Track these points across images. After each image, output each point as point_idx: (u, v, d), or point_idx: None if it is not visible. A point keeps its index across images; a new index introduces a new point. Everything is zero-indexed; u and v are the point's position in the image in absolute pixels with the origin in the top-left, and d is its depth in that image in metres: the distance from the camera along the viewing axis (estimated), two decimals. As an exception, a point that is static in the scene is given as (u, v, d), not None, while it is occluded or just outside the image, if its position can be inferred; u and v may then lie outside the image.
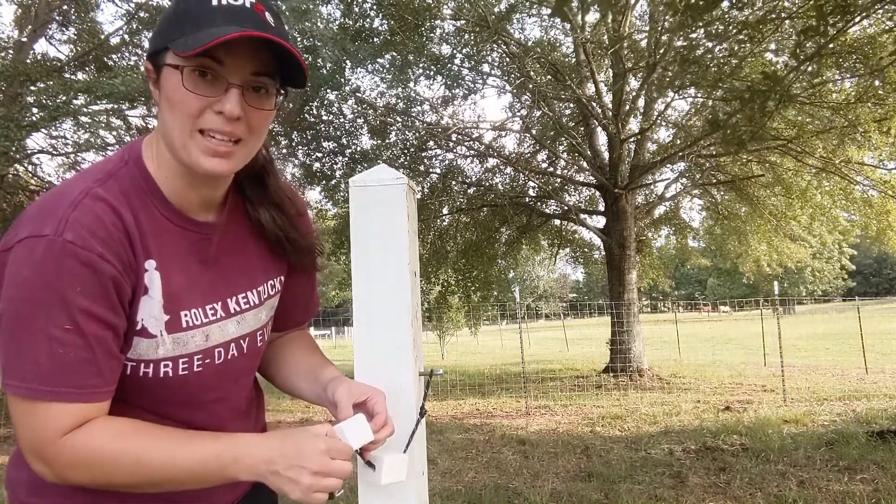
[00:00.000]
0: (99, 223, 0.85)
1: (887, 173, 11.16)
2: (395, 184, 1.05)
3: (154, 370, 0.94)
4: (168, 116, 0.89)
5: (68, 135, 10.38)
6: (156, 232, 0.93)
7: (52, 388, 0.82)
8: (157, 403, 0.97)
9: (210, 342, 0.99)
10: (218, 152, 0.89)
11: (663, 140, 13.15)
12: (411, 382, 1.06)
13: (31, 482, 0.96)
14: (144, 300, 0.91)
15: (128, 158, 0.95)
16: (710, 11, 3.62)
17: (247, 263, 1.06)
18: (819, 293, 48.05)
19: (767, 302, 17.82)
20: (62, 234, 0.82)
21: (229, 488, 1.09)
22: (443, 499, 4.44)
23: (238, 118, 0.88)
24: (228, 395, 1.06)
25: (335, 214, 12.65)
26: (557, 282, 75.92)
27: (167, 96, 0.88)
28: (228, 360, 1.03)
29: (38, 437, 0.84)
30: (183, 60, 0.85)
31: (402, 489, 1.03)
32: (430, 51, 10.36)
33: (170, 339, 0.94)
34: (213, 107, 0.87)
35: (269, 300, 1.10)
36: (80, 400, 0.85)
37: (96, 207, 0.86)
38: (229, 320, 1.02)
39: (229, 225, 1.04)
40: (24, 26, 10.53)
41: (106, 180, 0.90)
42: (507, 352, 21.23)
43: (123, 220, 0.88)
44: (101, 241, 0.85)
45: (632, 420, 7.08)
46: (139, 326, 0.91)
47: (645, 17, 11.77)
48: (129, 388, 0.93)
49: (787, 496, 4.16)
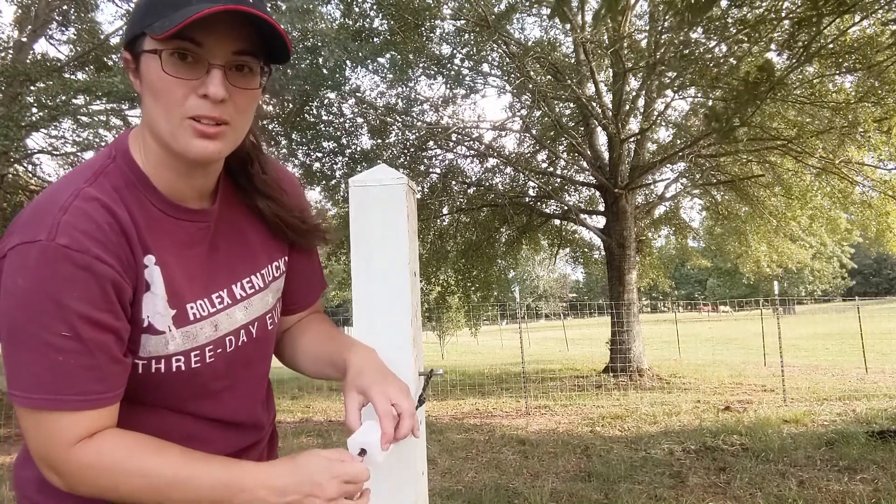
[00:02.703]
0: (93, 224, 0.83)
1: (887, 174, 11.17)
2: (395, 184, 1.05)
3: (166, 366, 0.92)
4: (152, 105, 0.86)
5: (68, 135, 10.39)
6: (152, 226, 0.91)
7: (53, 396, 0.81)
8: (168, 398, 0.95)
9: (220, 332, 0.97)
10: (206, 134, 0.86)
11: (663, 140, 13.17)
12: (411, 382, 1.06)
13: (39, 481, 0.95)
14: (147, 297, 0.89)
15: (115, 154, 0.92)
16: (709, 10, 3.62)
17: (247, 247, 1.04)
18: (819, 293, 48.08)
19: (767, 302, 17.83)
20: (55, 239, 0.80)
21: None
22: (443, 499, 4.44)
23: (223, 100, 0.85)
24: (237, 383, 1.04)
25: (335, 214, 12.64)
26: (557, 282, 75.96)
27: (149, 85, 0.85)
28: (239, 347, 1.01)
29: (47, 449, 0.83)
30: (160, 44, 0.82)
31: (403, 489, 1.03)
32: (430, 51, 10.37)
33: (179, 333, 0.92)
34: (196, 91, 0.84)
35: (274, 282, 1.08)
36: (85, 408, 0.83)
37: (88, 208, 0.84)
38: (236, 307, 1.00)
39: (224, 211, 1.02)
40: (24, 26, 10.53)
41: (95, 179, 0.88)
42: (507, 352, 21.23)
43: (118, 218, 0.86)
44: (96, 242, 0.83)
45: (632, 420, 7.08)
46: (146, 324, 0.89)
47: (645, 16, 11.78)
48: (140, 385, 0.92)
49: (787, 496, 4.16)
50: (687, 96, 11.60)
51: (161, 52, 0.83)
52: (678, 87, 10.19)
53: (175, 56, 0.83)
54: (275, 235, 1.08)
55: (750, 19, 7.41)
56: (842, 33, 7.42)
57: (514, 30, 11.45)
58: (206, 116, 0.85)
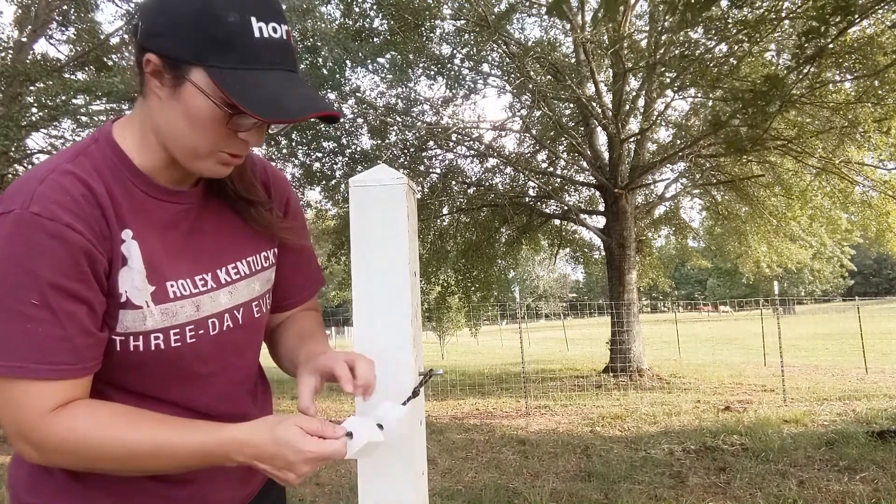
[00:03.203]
0: (66, 195, 0.84)
1: (887, 174, 11.17)
2: (395, 184, 1.05)
3: (144, 343, 0.91)
4: (182, 127, 0.88)
5: (68, 135, 10.37)
6: (132, 204, 0.91)
7: (24, 364, 0.81)
8: (150, 382, 0.95)
9: (202, 313, 0.97)
10: (228, 164, 0.92)
11: (663, 140, 13.16)
12: (411, 382, 1.06)
13: (29, 481, 0.96)
14: (124, 271, 0.89)
15: (98, 138, 0.94)
16: (708, 10, 3.62)
17: (233, 235, 1.05)
18: (819, 293, 48.07)
19: (767, 302, 17.82)
20: (28, 208, 0.81)
21: (238, 489, 1.08)
22: (443, 499, 4.44)
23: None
24: (226, 368, 1.03)
25: (335, 214, 12.66)
26: (557, 282, 75.95)
27: (188, 112, 0.86)
28: (224, 332, 1.01)
29: (19, 419, 0.83)
30: (221, 97, 0.83)
31: (403, 489, 1.03)
32: (430, 51, 10.37)
33: (157, 309, 0.92)
34: (237, 132, 0.89)
35: (262, 272, 1.08)
36: (56, 377, 0.83)
37: (64, 181, 0.85)
38: (221, 290, 1.00)
39: (211, 198, 1.03)
40: (24, 26, 10.53)
41: (75, 157, 0.90)
42: (507, 352, 21.23)
43: (93, 191, 0.87)
44: (68, 212, 0.83)
45: (632, 420, 7.08)
46: (123, 299, 0.89)
47: (645, 16, 11.78)
48: (121, 367, 0.92)
49: (787, 496, 4.16)
50: (687, 96, 11.61)
51: (224, 104, 0.84)
52: (678, 87, 10.19)
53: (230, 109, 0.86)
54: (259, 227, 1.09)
55: (750, 19, 7.41)
56: (840, 32, 7.42)
57: (514, 30, 11.47)
58: (238, 154, 0.92)
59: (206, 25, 0.82)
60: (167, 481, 0.97)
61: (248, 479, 1.10)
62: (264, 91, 0.83)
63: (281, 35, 0.86)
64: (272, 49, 0.85)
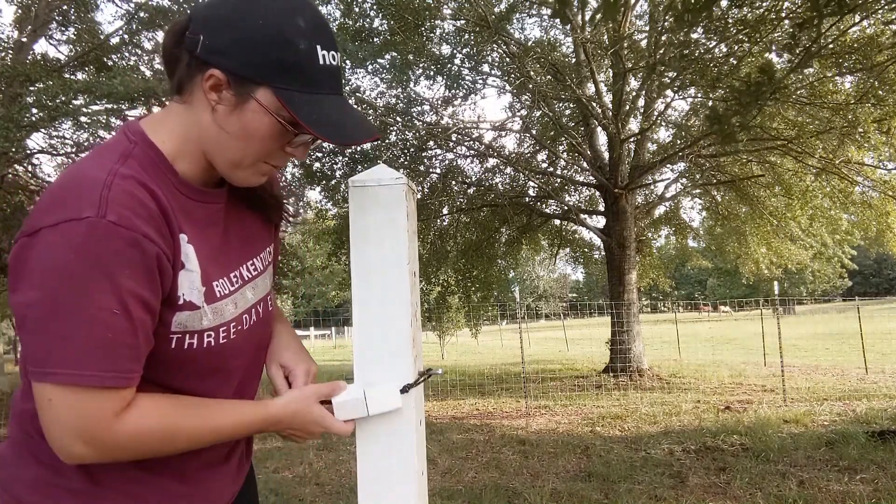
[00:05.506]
0: (137, 202, 0.84)
1: (887, 174, 11.17)
2: (395, 184, 1.05)
3: (199, 341, 0.95)
4: (236, 140, 0.92)
5: (68, 135, 10.40)
6: (178, 206, 0.93)
7: (100, 372, 0.82)
8: (185, 378, 0.97)
9: (238, 309, 1.02)
10: (265, 175, 0.99)
11: (663, 140, 13.16)
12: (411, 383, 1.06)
13: (35, 480, 0.94)
14: (183, 274, 0.92)
15: (134, 139, 0.93)
16: (708, 10, 3.62)
17: (249, 231, 1.10)
18: (819, 293, 48.05)
19: (767, 302, 17.81)
20: (105, 216, 0.80)
21: (232, 485, 1.13)
22: (443, 499, 4.43)
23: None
24: (252, 361, 1.10)
25: (335, 214, 12.65)
26: (557, 282, 75.92)
27: (249, 127, 0.91)
28: (252, 326, 1.06)
29: (90, 424, 0.83)
30: (286, 117, 0.89)
31: (403, 489, 1.03)
32: (430, 51, 10.36)
33: (209, 309, 0.95)
34: (284, 147, 0.95)
35: (269, 266, 1.15)
36: (126, 385, 0.85)
37: (129, 186, 0.85)
38: (247, 287, 1.06)
39: (230, 196, 1.06)
40: (24, 26, 10.54)
41: (125, 160, 0.89)
42: (507, 352, 21.23)
43: (156, 196, 0.88)
44: (143, 220, 0.84)
45: (632, 420, 7.08)
46: (181, 301, 0.91)
47: (645, 17, 11.78)
48: (166, 364, 0.93)
49: (787, 496, 4.16)
50: (687, 96, 11.60)
51: (288, 123, 0.90)
52: (678, 87, 10.19)
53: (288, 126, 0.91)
54: (264, 221, 1.14)
55: (750, 19, 7.41)
56: (842, 33, 7.41)
57: (514, 30, 11.45)
58: (280, 167, 0.99)
59: (278, 50, 0.87)
60: (179, 479, 1.00)
61: (238, 478, 1.16)
62: (326, 115, 0.90)
63: (337, 63, 0.94)
64: (331, 76, 0.92)
